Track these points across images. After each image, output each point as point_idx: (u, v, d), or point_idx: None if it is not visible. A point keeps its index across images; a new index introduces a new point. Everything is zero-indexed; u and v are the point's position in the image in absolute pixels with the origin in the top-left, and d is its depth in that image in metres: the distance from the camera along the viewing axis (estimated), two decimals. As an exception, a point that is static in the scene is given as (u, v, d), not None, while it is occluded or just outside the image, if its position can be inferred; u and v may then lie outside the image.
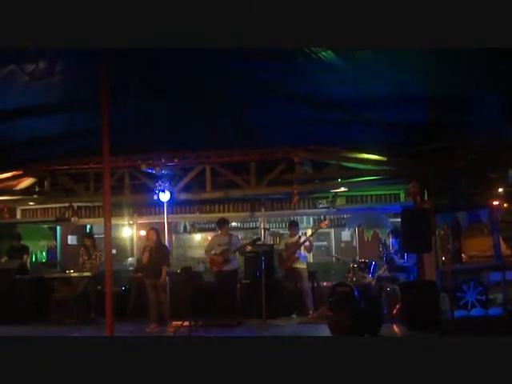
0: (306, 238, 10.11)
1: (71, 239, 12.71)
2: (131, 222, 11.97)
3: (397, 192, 10.22)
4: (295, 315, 9.65)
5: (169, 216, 10.13)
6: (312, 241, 10.30)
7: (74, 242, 12.61)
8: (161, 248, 9.24)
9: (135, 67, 6.05)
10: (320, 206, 10.66)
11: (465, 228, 10.01)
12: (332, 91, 6.84)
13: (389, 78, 6.34)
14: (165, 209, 9.84)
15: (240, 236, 11.37)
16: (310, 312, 9.57)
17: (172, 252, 11.31)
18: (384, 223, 11.02)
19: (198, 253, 12.21)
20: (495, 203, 8.95)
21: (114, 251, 12.07)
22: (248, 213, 11.13)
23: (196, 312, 8.33)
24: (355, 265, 9.70)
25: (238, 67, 6.13)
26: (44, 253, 12.62)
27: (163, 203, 9.77)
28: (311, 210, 10.94)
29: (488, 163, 8.37)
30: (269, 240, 11.70)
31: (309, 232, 11.55)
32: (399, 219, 9.05)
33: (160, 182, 9.54)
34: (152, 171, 9.61)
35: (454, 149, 8.38)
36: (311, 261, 11.08)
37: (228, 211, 11.07)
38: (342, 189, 10.04)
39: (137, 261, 11.24)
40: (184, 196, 10.15)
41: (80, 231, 12.19)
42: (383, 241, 10.66)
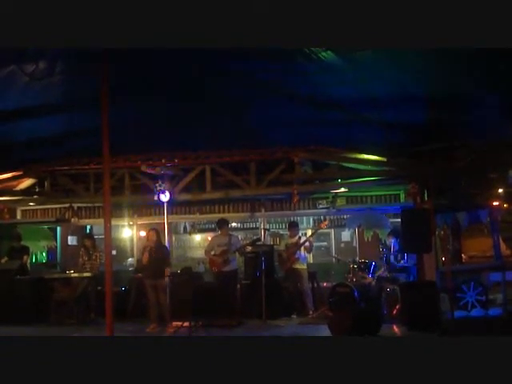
0: (306, 239, 10.11)
1: (71, 240, 12.71)
2: (131, 223, 11.94)
3: (397, 192, 10.20)
4: (295, 316, 9.63)
5: (169, 216, 10.11)
6: (312, 241, 10.29)
7: (74, 243, 12.61)
8: (161, 248, 9.24)
9: (135, 67, 6.05)
10: (320, 207, 10.64)
11: (465, 228, 10.02)
12: (332, 91, 6.85)
13: (389, 78, 6.34)
14: (165, 209, 9.82)
15: (240, 236, 11.36)
16: (310, 312, 9.56)
17: (172, 252, 11.29)
18: (384, 224, 11.01)
19: (198, 253, 12.20)
20: (495, 203, 8.95)
21: (114, 252, 12.07)
22: (248, 213, 11.10)
23: (196, 312, 8.31)
24: (355, 265, 9.69)
25: (238, 67, 6.14)
26: (44, 253, 12.62)
27: (163, 204, 9.76)
28: (311, 211, 10.91)
29: (488, 163, 8.37)
30: (269, 240, 11.69)
31: (309, 232, 11.54)
32: (399, 219, 9.06)
33: (160, 183, 9.53)
34: (152, 172, 9.60)
35: (454, 149, 8.37)
36: (311, 261, 11.08)
37: (228, 211, 11.05)
38: (342, 189, 10.02)
39: (137, 261, 11.24)
40: (184, 196, 10.14)
41: (80, 232, 12.19)
42: (383, 241, 10.66)
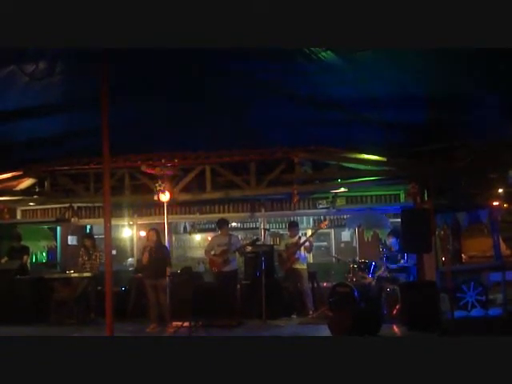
0: (306, 239, 10.10)
1: (71, 240, 12.71)
2: (131, 223, 11.95)
3: (397, 192, 10.20)
4: (295, 316, 9.63)
5: (169, 216, 10.11)
6: (312, 241, 10.29)
7: (74, 243, 12.61)
8: (161, 248, 9.24)
9: (135, 67, 6.05)
10: (320, 207, 10.64)
11: (465, 228, 10.03)
12: (332, 91, 6.84)
13: (389, 78, 6.34)
14: (165, 209, 9.83)
15: (240, 236, 11.37)
16: (310, 312, 9.56)
17: (172, 252, 11.28)
18: (384, 224, 11.02)
19: (198, 253, 12.20)
20: (495, 203, 8.95)
21: (114, 252, 12.07)
22: (248, 213, 11.10)
23: (196, 312, 8.31)
24: (355, 265, 9.69)
25: (238, 67, 6.13)
26: (44, 253, 12.62)
27: (163, 204, 9.77)
28: (311, 211, 10.92)
29: (488, 163, 8.37)
30: (269, 240, 11.70)
31: (309, 232, 11.54)
32: (399, 219, 9.06)
33: (160, 183, 9.53)
34: (152, 172, 9.60)
35: (454, 149, 8.37)
36: (311, 261, 11.08)
37: (228, 212, 11.05)
38: (342, 189, 10.02)
39: (137, 261, 11.24)
40: (184, 196, 10.13)
41: (80, 232, 12.19)
42: (383, 241, 10.66)
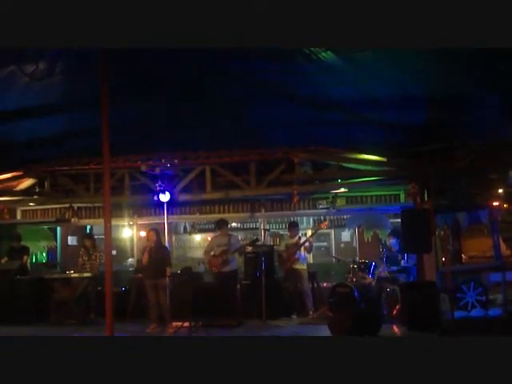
0: (306, 239, 10.10)
1: (71, 240, 12.71)
2: (131, 223, 11.94)
3: (397, 192, 10.20)
4: (295, 316, 9.62)
5: (169, 217, 10.11)
6: (312, 241, 10.27)
7: (74, 243, 12.61)
8: (161, 249, 9.23)
9: (135, 67, 6.05)
10: (320, 207, 10.64)
11: (465, 228, 10.02)
12: (332, 91, 6.84)
13: (389, 79, 6.34)
14: (165, 209, 9.83)
15: (240, 237, 11.37)
16: (310, 313, 9.55)
17: (172, 253, 11.26)
18: (384, 224, 11.02)
19: (198, 253, 12.19)
20: (495, 204, 8.94)
21: (114, 252, 12.07)
22: (248, 213, 11.09)
23: (196, 313, 8.31)
24: (355, 265, 9.69)
25: (238, 67, 6.13)
26: (44, 253, 12.61)
27: (163, 204, 9.76)
28: (311, 211, 10.91)
29: (488, 163, 8.37)
30: (269, 241, 11.69)
31: (309, 233, 11.54)
32: (399, 220, 9.06)
33: (160, 183, 9.54)
34: (152, 172, 9.60)
35: (454, 149, 8.37)
36: (311, 261, 11.08)
37: (228, 212, 11.04)
38: (342, 189, 10.02)
39: (137, 261, 11.24)
40: (184, 197, 10.13)
41: (80, 232, 12.19)
42: (383, 241, 10.66)
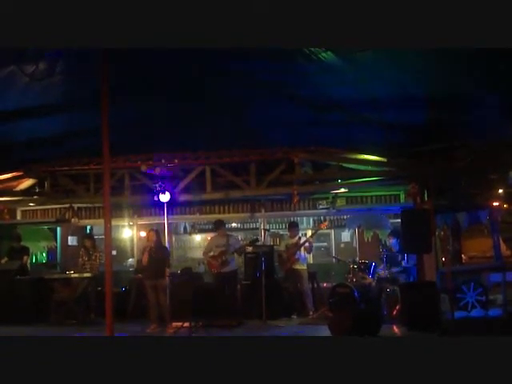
0: (306, 239, 10.09)
1: (71, 240, 12.70)
2: (131, 223, 11.94)
3: (397, 193, 10.20)
4: (295, 316, 9.62)
5: (169, 217, 10.11)
6: (312, 242, 10.27)
7: (74, 243, 12.60)
8: (161, 249, 9.23)
9: (135, 67, 6.05)
10: (320, 207, 10.63)
11: (465, 229, 10.02)
12: (332, 92, 6.84)
13: (389, 79, 6.34)
14: (165, 210, 9.82)
15: (240, 237, 11.37)
16: (310, 313, 9.55)
17: (172, 253, 11.29)
18: (384, 224, 11.01)
19: (198, 254, 12.16)
20: (495, 204, 8.94)
21: (114, 252, 12.05)
22: (248, 214, 11.09)
23: (196, 313, 8.31)
24: (355, 266, 9.69)
25: (238, 67, 6.13)
26: (44, 254, 12.61)
27: (163, 204, 9.76)
28: (311, 211, 10.91)
29: (488, 163, 8.36)
30: (269, 241, 11.68)
31: (309, 233, 11.53)
32: (399, 220, 9.05)
33: (160, 183, 9.54)
34: (152, 172, 9.60)
35: (454, 149, 8.37)
36: (311, 262, 11.07)
37: (228, 212, 11.05)
38: (342, 190, 10.02)
39: (137, 262, 11.23)
40: (184, 197, 10.13)
41: (80, 232, 12.19)
42: (383, 242, 10.66)
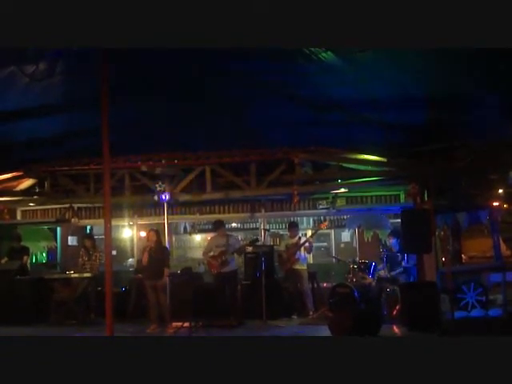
0: (306, 239, 10.09)
1: (71, 240, 12.70)
2: (131, 223, 11.94)
3: (397, 193, 10.20)
4: (295, 316, 9.62)
5: (169, 217, 10.10)
6: (312, 242, 10.27)
7: (75, 243, 12.60)
8: (161, 249, 9.22)
9: (135, 67, 6.05)
10: (320, 207, 10.63)
11: (465, 229, 10.02)
12: (332, 92, 6.84)
13: (389, 79, 6.34)
14: (165, 210, 9.82)
15: (240, 237, 11.36)
16: (310, 313, 9.55)
17: (172, 253, 11.28)
18: (384, 224, 11.01)
19: (198, 254, 12.16)
20: (495, 204, 8.94)
21: (114, 252, 12.06)
22: (248, 214, 11.08)
23: (196, 313, 8.30)
24: (355, 266, 9.69)
25: (238, 67, 6.13)
26: (44, 254, 12.61)
27: (163, 204, 9.76)
28: (311, 211, 10.91)
29: (488, 163, 8.36)
30: (269, 241, 11.69)
31: (309, 233, 11.54)
32: (399, 220, 9.05)
33: (160, 183, 9.53)
34: (152, 172, 9.59)
35: (454, 149, 8.37)
36: (311, 262, 11.07)
37: (228, 212, 11.05)
38: (342, 190, 10.02)
39: (137, 262, 11.24)
40: (184, 197, 10.13)
41: (80, 232, 12.19)
42: (383, 242, 10.66)
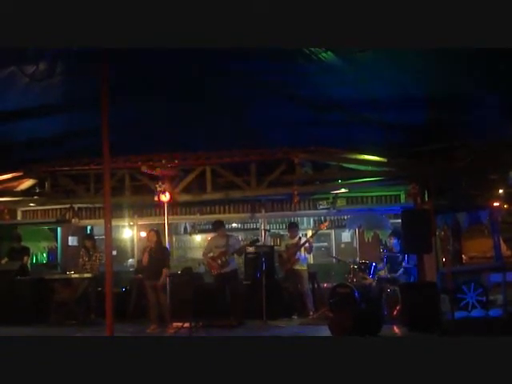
0: (307, 240, 10.08)
1: (72, 240, 12.71)
2: (132, 224, 11.95)
3: (397, 193, 10.20)
4: (296, 316, 9.62)
5: (169, 217, 10.11)
6: (312, 242, 10.27)
7: (75, 244, 12.61)
8: (161, 249, 9.21)
9: (135, 67, 6.05)
10: (320, 207, 10.64)
11: (465, 229, 10.03)
12: (332, 92, 6.85)
13: (389, 79, 6.34)
14: (165, 210, 9.82)
15: (240, 237, 11.36)
16: (311, 313, 9.55)
17: (172, 253, 11.28)
18: (384, 224, 11.01)
19: (199, 254, 12.15)
20: (495, 204, 8.94)
21: (115, 252, 12.06)
22: (248, 214, 11.09)
23: (196, 313, 8.30)
24: (355, 266, 9.69)
25: (238, 67, 6.13)
26: (44, 254, 12.61)
27: (163, 204, 9.76)
28: (311, 211, 10.92)
29: (488, 163, 8.36)
30: (269, 241, 11.69)
31: (309, 233, 11.54)
32: (400, 220, 9.05)
33: (160, 183, 9.53)
34: (152, 172, 9.59)
35: (454, 149, 8.37)
36: (311, 262, 11.07)
37: (228, 212, 11.05)
38: (343, 190, 10.02)
39: (137, 262, 11.24)
40: (184, 197, 10.13)
41: (80, 232, 12.20)
42: (383, 242, 10.66)
